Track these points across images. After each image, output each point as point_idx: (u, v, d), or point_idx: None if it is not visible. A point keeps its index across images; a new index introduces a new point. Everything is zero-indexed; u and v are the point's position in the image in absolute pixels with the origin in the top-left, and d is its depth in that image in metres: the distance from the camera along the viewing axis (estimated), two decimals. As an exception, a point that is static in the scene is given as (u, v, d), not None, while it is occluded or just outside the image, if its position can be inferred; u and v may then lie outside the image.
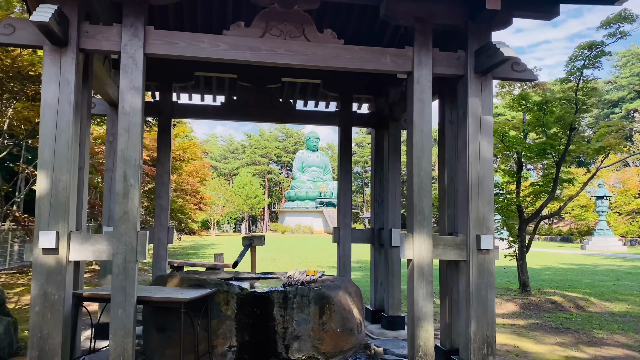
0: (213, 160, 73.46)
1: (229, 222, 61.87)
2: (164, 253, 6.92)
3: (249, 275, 6.18)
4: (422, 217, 4.71)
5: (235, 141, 79.63)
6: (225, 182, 62.43)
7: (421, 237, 4.69)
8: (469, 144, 4.85)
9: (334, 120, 7.63)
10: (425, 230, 4.70)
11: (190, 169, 24.16)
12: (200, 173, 25.95)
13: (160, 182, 6.98)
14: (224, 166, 72.89)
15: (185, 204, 19.38)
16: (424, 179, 4.75)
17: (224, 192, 52.61)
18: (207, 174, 28.78)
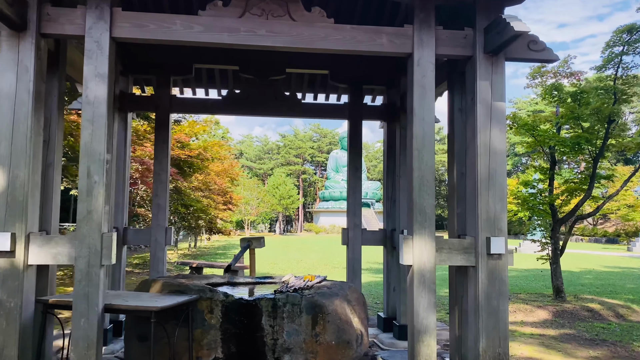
0: (248, 161, 73.90)
1: (264, 222, 61.98)
2: (161, 255, 6.57)
3: (244, 279, 5.75)
4: (424, 217, 4.16)
5: (270, 141, 79.82)
6: (259, 183, 62.60)
7: (422, 239, 4.13)
8: (477, 134, 4.26)
9: (342, 114, 7.11)
10: (426, 232, 4.14)
11: (218, 168, 24.05)
12: (229, 173, 25.84)
13: (157, 180, 6.64)
14: (259, 166, 73.15)
15: (210, 204, 19.17)
16: (425, 174, 4.19)
17: (257, 192, 52.68)
18: (237, 173, 28.64)
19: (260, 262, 19.37)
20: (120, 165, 6.55)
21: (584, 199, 9.63)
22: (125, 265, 6.66)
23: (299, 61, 6.84)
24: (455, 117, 4.86)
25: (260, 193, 53.37)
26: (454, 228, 4.81)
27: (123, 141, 6.58)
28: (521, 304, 9.50)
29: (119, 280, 6.46)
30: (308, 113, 7.08)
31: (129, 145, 6.70)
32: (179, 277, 5.40)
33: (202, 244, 34.87)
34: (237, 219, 53.19)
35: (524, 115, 11.06)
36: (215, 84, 7.61)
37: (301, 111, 7.04)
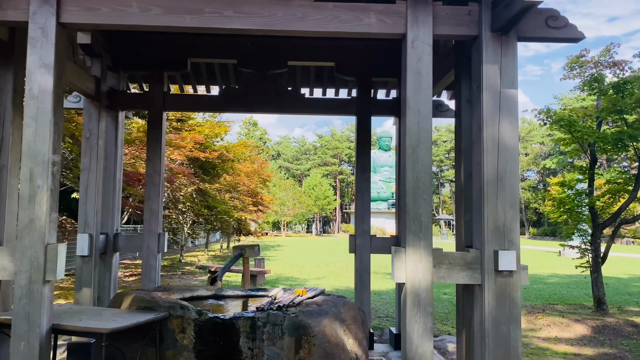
0: (285, 162, 73.91)
1: (300, 222, 61.75)
2: (154, 262, 6.13)
3: (233, 292, 5.23)
4: (418, 225, 3.52)
5: (307, 142, 79.59)
6: (296, 183, 62.39)
7: (417, 252, 3.50)
8: (483, 127, 3.60)
9: (349, 109, 6.50)
10: (422, 244, 3.50)
11: (248, 169, 23.76)
12: (260, 173, 25.53)
13: (150, 183, 6.21)
14: (295, 167, 73.02)
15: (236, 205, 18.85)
16: (421, 175, 3.55)
17: (293, 193, 52.47)
18: (269, 174, 28.34)
19: (287, 265, 18.95)
20: (110, 167, 6.15)
21: (629, 201, 8.67)
22: (116, 274, 6.27)
23: (301, 53, 6.29)
24: (462, 110, 4.19)
25: (296, 194, 53.11)
26: (461, 238, 4.15)
27: (114, 141, 6.18)
28: (557, 317, 8.64)
29: (109, 290, 6.06)
30: (312, 109, 6.50)
31: (120, 146, 6.29)
32: (160, 289, 4.93)
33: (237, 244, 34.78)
34: (273, 219, 53.15)
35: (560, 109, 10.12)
36: (214, 80, 7.12)
37: (304, 107, 6.47)
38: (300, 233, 62.36)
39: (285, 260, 21.52)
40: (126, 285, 12.52)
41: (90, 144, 5.69)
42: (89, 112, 5.72)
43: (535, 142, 62.06)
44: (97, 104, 5.71)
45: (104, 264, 6.08)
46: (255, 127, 75.87)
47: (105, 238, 6.06)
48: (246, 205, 22.46)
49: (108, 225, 6.12)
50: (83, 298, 5.57)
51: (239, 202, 21.54)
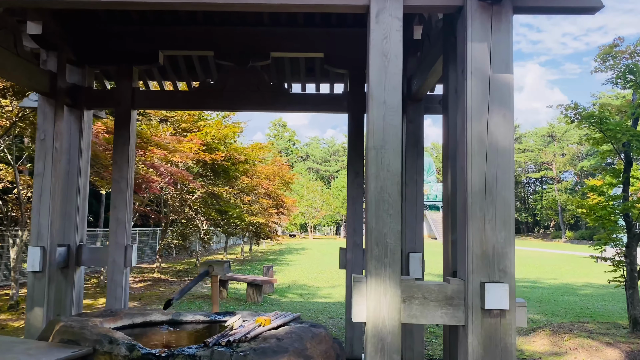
0: (314, 163, 73.38)
1: (329, 224, 61.06)
2: (120, 278, 5.51)
3: (193, 317, 4.54)
4: (383, 249, 2.75)
5: (337, 143, 78.86)
6: (324, 185, 61.73)
7: (381, 284, 2.73)
8: (468, 123, 2.80)
9: (340, 105, 5.75)
10: (388, 273, 2.73)
11: (268, 171, 23.19)
12: (281, 176, 24.94)
13: (116, 190, 5.59)
14: (324, 169, 72.39)
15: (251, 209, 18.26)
16: (387, 185, 2.78)
17: (321, 195, 51.82)
18: (291, 176, 27.72)
19: (304, 271, 18.25)
20: (73, 172, 5.57)
21: (670, 209, 7.61)
22: (81, 290, 5.67)
23: (286, 43, 5.59)
24: (450, 102, 3.39)
25: (324, 196, 52.43)
26: (448, 263, 3.34)
27: (77, 143, 5.60)
28: (586, 339, 7.65)
29: (70, 309, 5.47)
30: (298, 105, 5.77)
31: (86, 149, 5.70)
32: (105, 313, 4.28)
33: (260, 247, 34.38)
34: (300, 221, 52.65)
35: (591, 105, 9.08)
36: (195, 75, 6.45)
37: (289, 103, 5.74)
38: (328, 235, 61.68)
39: (304, 265, 20.84)
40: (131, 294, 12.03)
41: (45, 147, 5.10)
42: (44, 111, 5.14)
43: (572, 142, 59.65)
44: (53, 102, 5.13)
45: (65, 280, 5.50)
46: (285, 129, 75.71)
47: (67, 250, 5.48)
48: (265, 208, 21.88)
49: (70, 237, 5.53)
50: (34, 319, 4.98)
51: (258, 205, 20.98)
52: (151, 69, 6.15)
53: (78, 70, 5.66)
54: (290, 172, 29.39)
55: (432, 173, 64.84)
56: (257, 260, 23.25)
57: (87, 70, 5.73)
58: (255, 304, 10.83)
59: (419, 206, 5.06)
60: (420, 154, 5.18)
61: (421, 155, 5.21)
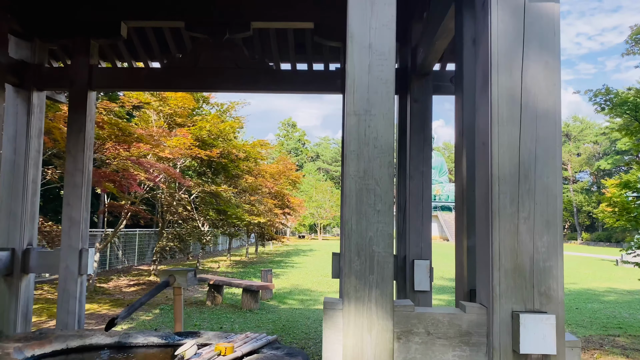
0: (324, 163, 72.52)
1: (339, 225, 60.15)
2: (73, 288, 4.66)
3: (145, 339, 3.67)
4: (367, 261, 1.87)
5: (347, 143, 77.95)
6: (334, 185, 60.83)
7: (365, 312, 1.84)
8: (492, 74, 1.90)
9: (333, 84, 4.85)
10: (374, 295, 1.85)
11: (273, 170, 22.37)
12: (287, 175, 24.11)
13: (70, 184, 4.75)
14: (335, 169, 71.46)
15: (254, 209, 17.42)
16: (373, 168, 1.89)
17: (330, 195, 50.94)
18: (297, 176, 26.87)
19: (309, 274, 17.36)
20: (19, 163, 4.75)
21: None
22: (29, 301, 4.84)
23: (269, 12, 4.72)
24: (464, 58, 2.48)
25: (334, 196, 51.50)
26: (462, 280, 2.44)
27: (24, 129, 4.77)
28: (619, 356, 6.69)
29: (15, 323, 4.65)
30: (283, 85, 4.89)
31: (35, 136, 4.88)
32: (34, 334, 3.43)
33: (267, 249, 33.58)
34: (310, 222, 51.83)
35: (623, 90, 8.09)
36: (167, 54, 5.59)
37: (273, 82, 4.87)
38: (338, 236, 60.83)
39: (309, 268, 19.96)
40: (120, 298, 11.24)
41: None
42: (-18, 90, 4.32)
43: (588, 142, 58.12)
44: (-11, 79, 4.31)
45: (9, 290, 4.67)
46: (294, 129, 74.98)
47: (11, 255, 4.66)
48: (270, 208, 21.04)
49: (15, 238, 4.71)
50: None
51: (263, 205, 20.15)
52: (117, 46, 5.31)
53: (26, 44, 4.84)
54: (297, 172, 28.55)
55: (444, 173, 63.76)
56: (261, 262, 22.39)
57: (38, 44, 4.90)
58: (251, 311, 9.97)
59: (427, 203, 4.15)
60: (427, 141, 4.28)
61: (429, 142, 4.31)
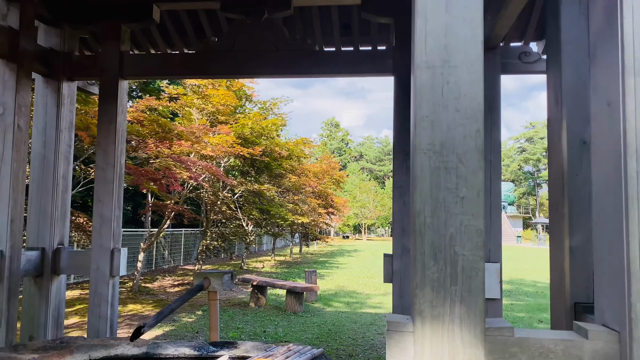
0: (368, 163, 71.77)
1: (383, 225, 59.25)
2: (105, 290, 4.34)
3: (175, 350, 3.27)
4: (448, 267, 1.36)
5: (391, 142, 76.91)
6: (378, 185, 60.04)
7: (445, 336, 1.33)
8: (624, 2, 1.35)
9: (383, 65, 4.34)
10: (458, 313, 1.34)
11: (317, 169, 21.99)
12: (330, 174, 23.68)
13: (101, 179, 4.44)
14: (378, 168, 70.62)
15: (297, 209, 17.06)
16: (455, 138, 1.38)
17: (374, 195, 50.24)
18: (341, 175, 26.38)
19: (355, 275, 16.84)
20: (49, 157, 4.48)
21: None
22: (60, 303, 4.56)
23: (313, -12, 4.27)
24: (563, 31, 1.93)
25: (378, 196, 50.77)
26: (563, 291, 1.88)
27: (54, 122, 4.50)
28: None
29: (45, 327, 4.38)
30: (327, 68, 4.42)
31: (66, 129, 4.60)
32: (52, 344, 3.08)
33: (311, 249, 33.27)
34: (354, 222, 51.28)
35: None
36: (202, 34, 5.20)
37: (316, 65, 4.41)
38: (383, 237, 59.94)
39: (354, 269, 19.46)
40: (164, 299, 11.07)
41: (4, 123, 3.99)
42: (3, 79, 4.02)
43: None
44: (15, 67, 4.02)
45: (39, 291, 4.40)
46: (337, 129, 74.58)
47: (40, 255, 4.39)
48: (314, 208, 20.66)
49: (45, 237, 4.43)
50: None
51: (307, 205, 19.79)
52: (150, 31, 4.98)
53: (55, 31, 4.57)
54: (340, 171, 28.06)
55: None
56: (306, 262, 22.04)
57: (67, 32, 4.62)
58: (295, 313, 9.57)
59: (496, 196, 3.59)
60: (496, 125, 3.72)
61: (497, 126, 3.75)
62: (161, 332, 7.66)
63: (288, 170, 16.08)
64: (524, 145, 68.98)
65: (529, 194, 68.34)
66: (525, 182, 69.20)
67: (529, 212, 66.17)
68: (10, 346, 2.99)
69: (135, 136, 8.42)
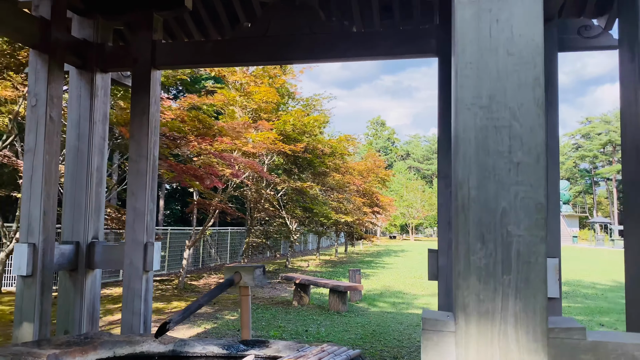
0: (415, 162, 70.68)
1: (432, 225, 58.11)
2: (138, 286, 4.22)
3: (203, 348, 3.08)
4: (499, 251, 1.07)
5: (439, 140, 75.47)
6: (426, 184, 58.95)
7: (496, 337, 1.05)
8: None
9: (425, 45, 4.03)
10: (513, 309, 1.05)
11: (361, 167, 21.67)
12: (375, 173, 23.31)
13: (134, 172, 4.33)
14: (426, 167, 69.41)
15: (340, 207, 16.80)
16: (506, 89, 1.09)
17: (422, 194, 49.34)
18: (387, 174, 25.94)
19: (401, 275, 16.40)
20: (83, 150, 4.41)
21: None
22: (95, 298, 4.49)
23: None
24: None
25: (425, 195, 49.81)
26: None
27: (87, 114, 4.43)
28: None
29: (80, 323, 4.31)
30: (366, 50, 4.13)
31: (99, 121, 4.52)
32: (75, 339, 2.95)
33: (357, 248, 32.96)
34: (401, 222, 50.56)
35: None
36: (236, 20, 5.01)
37: (352, 48, 4.14)
38: (431, 237, 58.82)
39: (401, 269, 19.01)
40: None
41: (37, 115, 3.95)
42: (35, 70, 3.99)
43: None
44: (46, 58, 3.97)
45: (74, 286, 4.34)
46: (383, 127, 73.83)
47: (75, 249, 4.33)
48: (359, 207, 20.34)
49: (80, 232, 4.37)
50: (23, 337, 3.83)
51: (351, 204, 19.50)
52: (183, 20, 4.85)
53: (89, 22, 4.51)
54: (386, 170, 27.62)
55: (545, 169, 59.74)
56: (351, 262, 21.74)
57: (101, 22, 4.55)
58: (338, 313, 9.31)
59: (554, 183, 3.21)
60: (553, 106, 3.35)
61: (555, 107, 3.37)
62: (202, 330, 7.58)
63: (332, 168, 15.86)
64: (579, 141, 66.09)
65: (586, 192, 65.47)
66: (581, 179, 66.34)
67: (585, 211, 63.34)
68: (35, 341, 2.89)
69: (177, 133, 8.41)
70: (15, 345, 2.74)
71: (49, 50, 3.97)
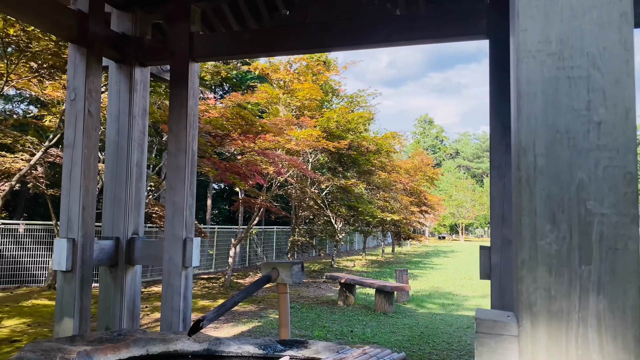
0: (465, 160, 69.11)
1: (482, 226, 56.61)
2: (177, 282, 4.14)
3: (239, 348, 2.92)
4: (575, 233, 0.84)
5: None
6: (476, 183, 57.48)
7: (572, 344, 0.82)
8: None
9: (475, 27, 3.74)
10: (596, 308, 0.81)
11: (408, 165, 21.25)
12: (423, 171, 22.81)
13: (173, 166, 4.25)
14: (476, 166, 67.70)
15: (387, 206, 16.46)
16: (580, 36, 0.85)
17: (472, 194, 48.11)
18: (435, 172, 25.35)
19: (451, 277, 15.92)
20: (122, 144, 4.37)
21: None
22: (135, 295, 4.44)
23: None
24: None
25: (475, 194, 48.54)
26: None
27: (127, 108, 4.39)
28: None
29: (120, 318, 4.27)
30: (408, 33, 3.88)
31: (139, 115, 4.47)
32: (108, 336, 2.86)
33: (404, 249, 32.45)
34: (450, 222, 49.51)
35: None
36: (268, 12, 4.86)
37: (395, 30, 3.90)
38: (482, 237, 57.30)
39: (450, 270, 18.49)
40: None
41: (76, 109, 3.92)
42: (74, 64, 3.96)
43: None
44: (85, 52, 3.94)
45: (114, 282, 4.30)
46: (431, 125, 72.61)
47: (115, 245, 4.29)
48: (406, 206, 19.93)
49: (119, 227, 4.33)
50: (63, 332, 3.81)
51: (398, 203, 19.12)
52: (222, 11, 4.74)
53: (127, 16, 4.46)
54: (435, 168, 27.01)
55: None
56: (398, 262, 21.34)
57: (139, 16, 4.50)
58: (385, 314, 9.07)
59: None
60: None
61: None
62: (247, 329, 7.50)
63: (377, 166, 15.56)
64: None
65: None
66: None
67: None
68: (69, 337, 2.82)
69: (220, 130, 8.38)
70: (49, 341, 2.66)
71: (87, 43, 3.93)
